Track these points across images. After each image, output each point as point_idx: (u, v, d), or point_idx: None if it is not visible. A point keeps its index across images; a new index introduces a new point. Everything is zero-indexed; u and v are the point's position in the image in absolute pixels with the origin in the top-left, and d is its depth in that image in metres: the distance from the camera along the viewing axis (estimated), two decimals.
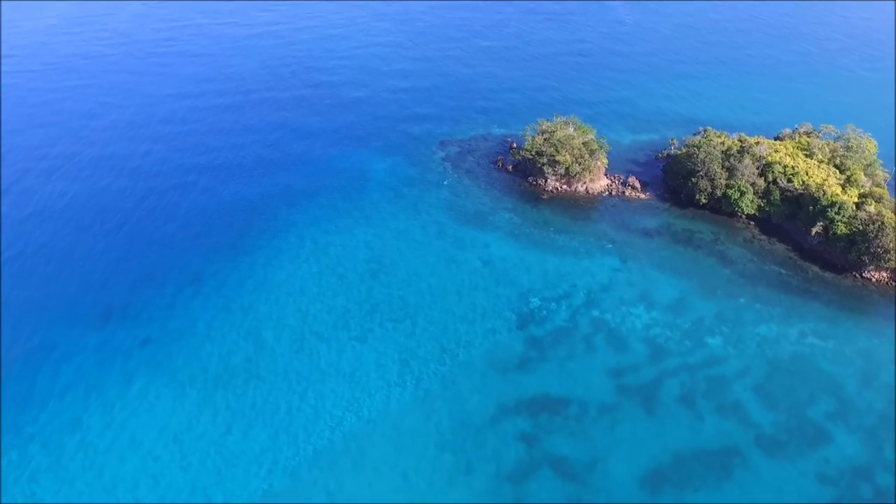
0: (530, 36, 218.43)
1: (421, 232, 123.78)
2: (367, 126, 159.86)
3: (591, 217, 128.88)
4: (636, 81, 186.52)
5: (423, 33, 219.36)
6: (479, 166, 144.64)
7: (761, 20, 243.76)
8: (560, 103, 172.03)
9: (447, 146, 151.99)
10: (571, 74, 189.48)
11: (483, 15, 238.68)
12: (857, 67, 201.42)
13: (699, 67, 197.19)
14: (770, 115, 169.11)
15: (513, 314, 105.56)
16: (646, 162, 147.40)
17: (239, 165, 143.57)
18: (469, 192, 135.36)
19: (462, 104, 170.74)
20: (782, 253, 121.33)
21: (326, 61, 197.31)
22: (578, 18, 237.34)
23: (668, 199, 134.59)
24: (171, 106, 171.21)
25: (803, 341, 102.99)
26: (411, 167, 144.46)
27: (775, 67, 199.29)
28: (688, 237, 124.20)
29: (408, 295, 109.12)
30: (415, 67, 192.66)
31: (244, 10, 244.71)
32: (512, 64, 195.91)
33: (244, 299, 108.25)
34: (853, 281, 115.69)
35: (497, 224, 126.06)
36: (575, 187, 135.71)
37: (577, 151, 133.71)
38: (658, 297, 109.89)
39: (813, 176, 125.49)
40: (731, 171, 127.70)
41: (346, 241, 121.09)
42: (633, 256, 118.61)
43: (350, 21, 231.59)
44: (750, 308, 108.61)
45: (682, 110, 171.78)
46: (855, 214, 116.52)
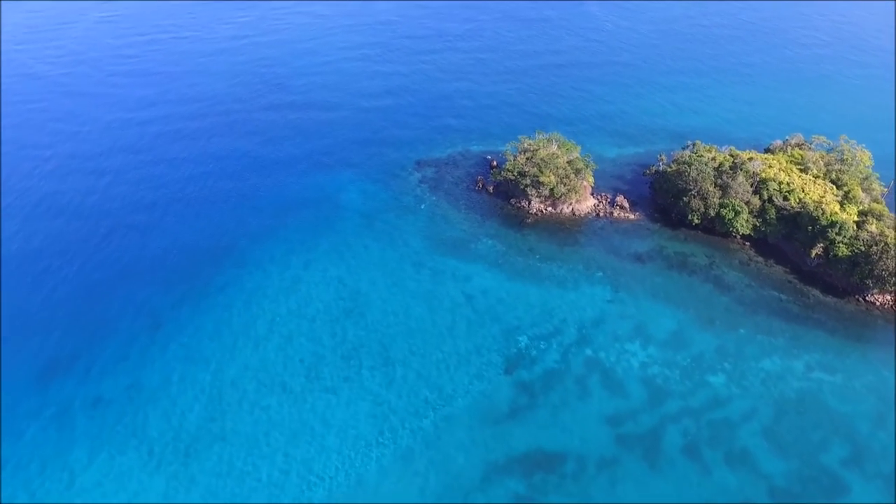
0: (507, 45, 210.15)
1: (398, 264, 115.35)
2: (338, 147, 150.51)
3: (579, 242, 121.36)
4: (619, 91, 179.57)
5: (394, 45, 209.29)
6: (458, 188, 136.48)
7: (741, 22, 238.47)
8: (540, 116, 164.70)
9: (424, 166, 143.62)
10: (551, 85, 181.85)
11: (456, 24, 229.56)
12: (842, 71, 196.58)
13: (682, 75, 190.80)
14: (757, 125, 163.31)
15: (499, 356, 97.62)
16: (633, 178, 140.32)
17: (201, 197, 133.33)
18: (448, 217, 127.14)
19: (438, 120, 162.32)
20: (781, 276, 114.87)
21: (294, 78, 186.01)
22: (556, 25, 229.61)
23: (659, 220, 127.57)
24: (128, 132, 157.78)
25: (810, 376, 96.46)
26: (386, 190, 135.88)
27: (759, 73, 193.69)
28: (681, 261, 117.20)
29: (385, 337, 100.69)
30: (387, 82, 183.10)
31: (207, 24, 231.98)
32: (489, 75, 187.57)
33: (206, 347, 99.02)
34: (856, 305, 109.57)
35: (479, 252, 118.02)
36: (560, 209, 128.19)
37: (561, 171, 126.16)
38: (654, 331, 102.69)
39: (809, 192, 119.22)
40: (723, 189, 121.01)
41: (317, 277, 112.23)
42: (625, 285, 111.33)
43: (317, 34, 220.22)
44: (751, 340, 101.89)
45: (668, 121, 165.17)
46: (856, 234, 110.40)
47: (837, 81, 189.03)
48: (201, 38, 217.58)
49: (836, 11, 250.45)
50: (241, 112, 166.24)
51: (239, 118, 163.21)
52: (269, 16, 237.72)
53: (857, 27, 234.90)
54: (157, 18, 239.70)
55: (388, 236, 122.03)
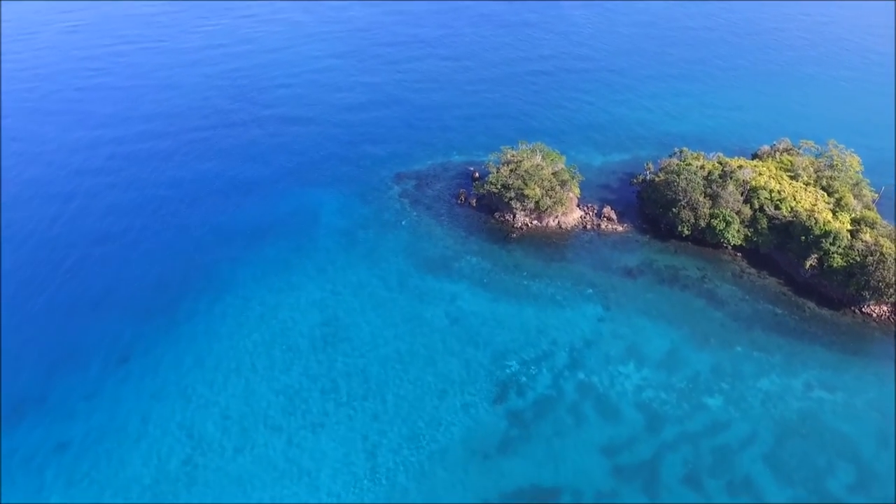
0: (485, 50, 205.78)
1: (380, 285, 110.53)
2: (315, 162, 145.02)
3: (567, 257, 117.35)
4: (602, 97, 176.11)
5: (370, 53, 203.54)
6: (440, 201, 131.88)
7: (722, 22, 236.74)
8: (522, 124, 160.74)
9: (404, 179, 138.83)
10: (532, 92, 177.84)
11: (433, 29, 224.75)
12: (825, 73, 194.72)
13: (665, 79, 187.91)
14: (743, 129, 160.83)
15: (489, 383, 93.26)
16: (619, 188, 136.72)
17: (173, 221, 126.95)
18: (431, 233, 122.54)
19: (417, 130, 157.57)
20: (775, 288, 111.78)
21: (267, 91, 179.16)
22: (534, 28, 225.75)
23: (647, 231, 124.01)
24: (95, 153, 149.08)
25: (810, 395, 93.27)
26: (365, 206, 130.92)
27: (742, 76, 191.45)
28: (673, 275, 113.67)
29: (370, 365, 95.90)
30: (363, 91, 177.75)
31: (177, 32, 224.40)
32: (468, 83, 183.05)
33: (181, 382, 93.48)
34: (853, 317, 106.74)
35: (464, 271, 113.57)
36: (546, 222, 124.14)
37: (546, 183, 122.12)
38: (648, 351, 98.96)
39: (801, 201, 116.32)
40: (713, 198, 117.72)
41: (296, 301, 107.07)
42: (616, 302, 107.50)
43: (291, 42, 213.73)
44: (748, 357, 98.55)
45: (652, 127, 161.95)
46: (851, 244, 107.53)
47: (821, 83, 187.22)
48: (170, 49, 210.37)
49: (818, 11, 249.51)
50: (214, 128, 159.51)
51: (211, 135, 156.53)
52: (242, 24, 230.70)
53: (839, 27, 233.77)
54: (124, 27, 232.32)
55: (369, 255, 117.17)
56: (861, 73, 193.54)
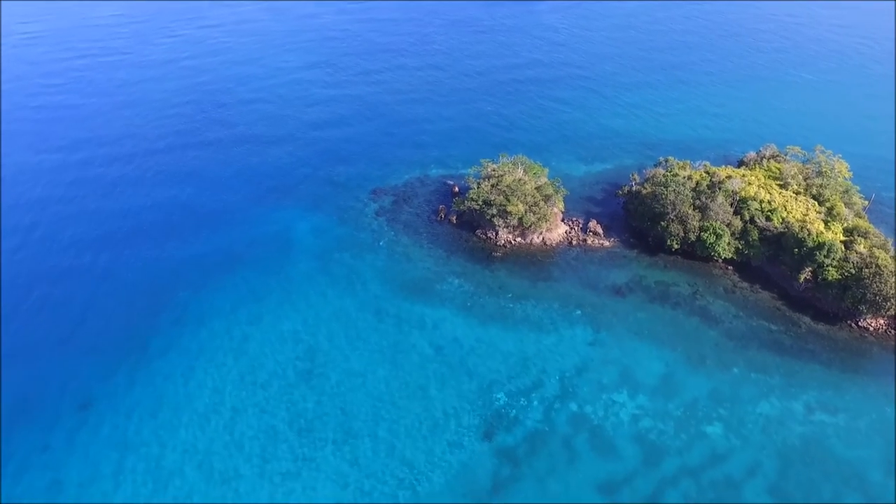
0: (460, 57, 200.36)
1: (358, 313, 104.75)
2: (287, 180, 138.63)
3: (553, 276, 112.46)
4: (580, 103, 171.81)
5: (342, 63, 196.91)
6: (419, 219, 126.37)
7: (697, 24, 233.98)
8: (501, 134, 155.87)
9: (380, 195, 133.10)
10: (510, 100, 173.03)
11: (406, 36, 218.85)
12: (804, 75, 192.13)
13: (644, 83, 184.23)
14: (725, 133, 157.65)
15: (477, 418, 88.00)
16: (604, 199, 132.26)
17: (139, 248, 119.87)
18: (410, 254, 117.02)
19: (392, 142, 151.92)
20: (768, 303, 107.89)
21: (235, 106, 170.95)
22: (509, 31, 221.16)
23: (635, 245, 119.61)
24: (52, 179, 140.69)
25: (811, 418, 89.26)
26: (341, 226, 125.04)
27: (722, 76, 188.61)
28: (663, 292, 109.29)
29: (349, 403, 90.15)
30: (336, 104, 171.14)
31: (138, 44, 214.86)
32: (443, 92, 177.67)
33: (144, 429, 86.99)
34: (849, 332, 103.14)
35: (446, 294, 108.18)
36: (530, 239, 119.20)
37: (529, 199, 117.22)
38: (642, 376, 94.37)
39: (792, 211, 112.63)
40: (702, 210, 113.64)
41: (269, 334, 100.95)
42: (606, 324, 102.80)
43: (259, 53, 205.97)
44: (746, 379, 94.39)
45: (634, 133, 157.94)
46: (845, 256, 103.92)
47: (802, 86, 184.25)
48: (133, 63, 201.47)
49: (796, 12, 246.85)
50: (181, 149, 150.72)
51: (178, 156, 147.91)
52: (207, 34, 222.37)
53: (818, 28, 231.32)
54: (84, 38, 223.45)
55: (346, 280, 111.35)
56: (838, 76, 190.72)
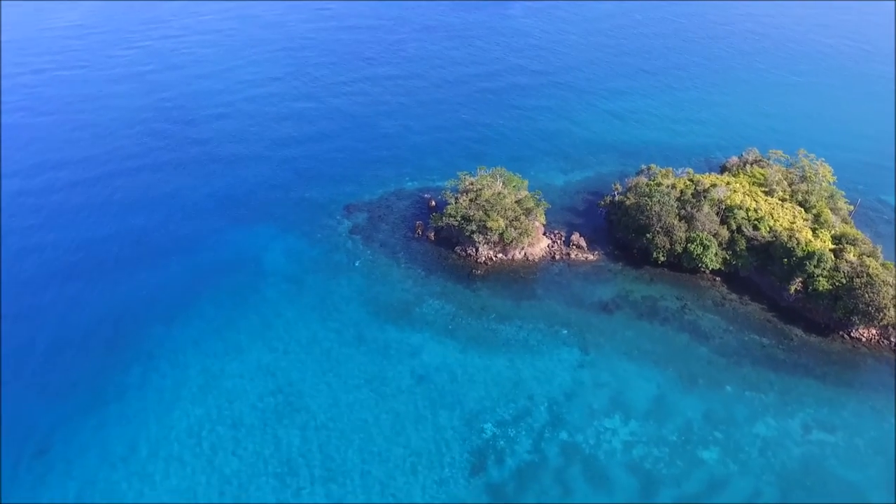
0: (432, 63, 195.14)
1: (335, 341, 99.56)
2: (256, 199, 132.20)
3: (537, 293, 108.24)
4: (557, 109, 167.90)
5: (310, 72, 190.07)
6: (395, 236, 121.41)
7: (669, 23, 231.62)
8: (477, 143, 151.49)
9: (354, 212, 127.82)
10: (485, 106, 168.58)
11: (377, 41, 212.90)
12: (781, 73, 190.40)
13: (620, 85, 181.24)
14: (707, 137, 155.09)
15: (464, 451, 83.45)
16: (586, 210, 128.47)
17: (101, 275, 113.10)
18: (387, 275, 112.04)
19: (366, 155, 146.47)
20: (759, 315, 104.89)
21: (198, 122, 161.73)
22: (481, 34, 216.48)
23: (620, 258, 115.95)
24: (8, 207, 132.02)
25: (809, 438, 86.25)
26: (314, 246, 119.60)
27: (699, 79, 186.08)
28: (651, 307, 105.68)
29: (327, 442, 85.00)
30: (305, 117, 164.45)
31: (94, 59, 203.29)
32: (416, 101, 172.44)
33: (108, 477, 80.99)
34: (842, 343, 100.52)
35: (426, 317, 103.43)
36: (512, 254, 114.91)
37: (510, 213, 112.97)
38: (633, 399, 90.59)
39: (779, 219, 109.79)
40: (688, 220, 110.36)
41: (240, 367, 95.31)
42: (594, 343, 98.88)
43: (224, 63, 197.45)
44: (740, 398, 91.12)
45: (613, 138, 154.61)
46: (836, 265, 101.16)
47: (780, 87, 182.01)
48: (91, 77, 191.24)
49: (767, 12, 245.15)
50: (143, 171, 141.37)
51: (140, 179, 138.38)
52: (169, 45, 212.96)
53: (793, 28, 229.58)
54: (37, 50, 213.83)
55: (321, 305, 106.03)
56: (820, 77, 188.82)
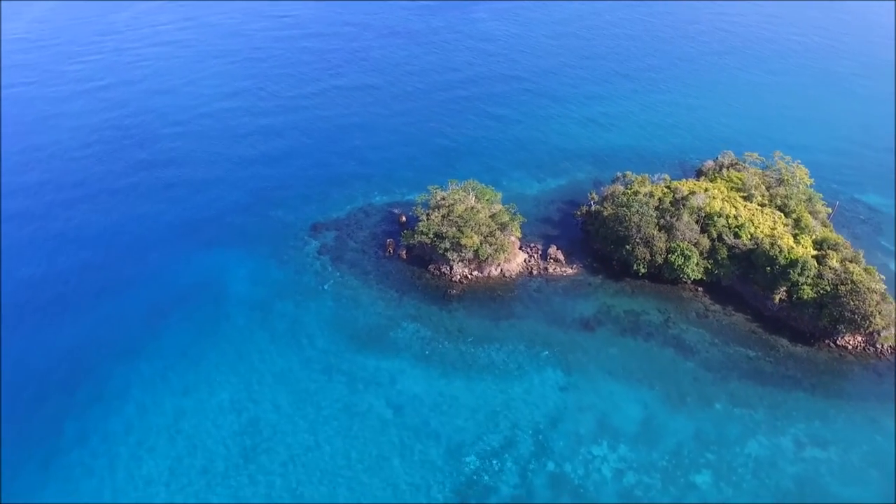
0: (397, 69, 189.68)
1: (305, 372, 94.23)
2: (218, 221, 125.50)
3: (515, 312, 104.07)
4: (527, 114, 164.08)
5: (271, 82, 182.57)
6: (366, 255, 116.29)
7: (636, 22, 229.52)
8: (446, 152, 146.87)
9: (321, 231, 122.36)
10: (452, 113, 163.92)
11: (338, 49, 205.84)
12: (753, 71, 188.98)
13: (589, 87, 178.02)
14: (680, 139, 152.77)
15: (446, 489, 79.00)
16: (561, 220, 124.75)
17: (52, 309, 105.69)
18: (359, 298, 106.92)
19: (331, 169, 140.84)
20: (743, 325, 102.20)
21: (154, 142, 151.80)
22: (448, 39, 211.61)
23: (599, 270, 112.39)
24: None
25: (803, 455, 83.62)
26: (280, 268, 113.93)
27: (671, 79, 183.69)
28: (634, 322, 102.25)
29: (304, 482, 79.90)
30: (267, 130, 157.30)
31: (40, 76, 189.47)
32: (382, 110, 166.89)
33: None
34: (828, 352, 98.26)
35: (401, 342, 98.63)
36: (488, 271, 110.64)
37: (484, 228, 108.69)
38: (620, 423, 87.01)
39: (760, 225, 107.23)
40: (668, 230, 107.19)
41: (208, 404, 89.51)
42: (577, 364, 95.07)
43: (182, 74, 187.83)
44: (729, 416, 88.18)
45: (585, 142, 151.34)
46: (819, 272, 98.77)
47: (751, 87, 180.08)
48: (36, 96, 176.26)
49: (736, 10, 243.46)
50: (94, 198, 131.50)
51: (95, 205, 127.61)
52: (121, 58, 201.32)
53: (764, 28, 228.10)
54: None
55: (290, 334, 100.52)
56: (785, 78, 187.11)
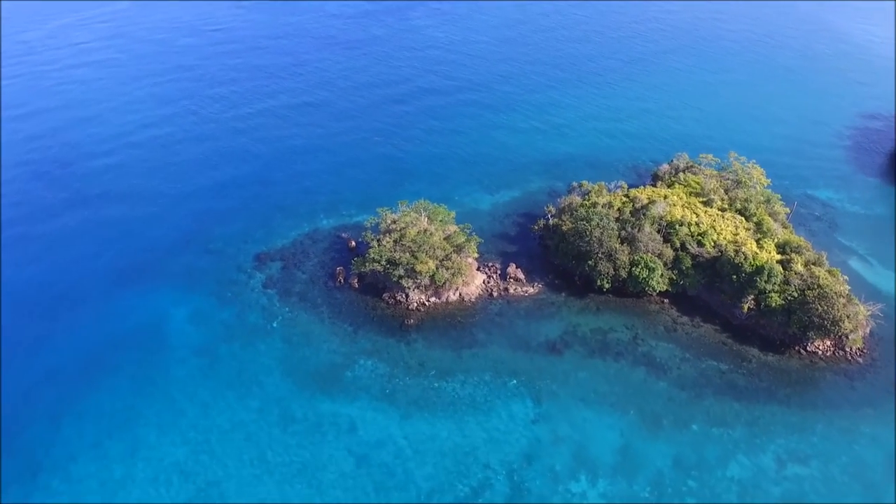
0: (337, 82, 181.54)
1: (258, 424, 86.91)
2: (153, 254, 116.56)
3: (478, 339, 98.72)
4: (472, 122, 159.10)
5: (202, 99, 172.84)
6: (315, 286, 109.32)
7: (577, 21, 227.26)
8: (392, 167, 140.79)
9: (266, 262, 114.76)
10: (396, 124, 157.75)
11: (275, 61, 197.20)
12: (698, 71, 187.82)
13: (537, 93, 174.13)
14: (632, 140, 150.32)
15: None
16: (518, 234, 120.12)
17: None
18: (311, 335, 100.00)
19: (273, 193, 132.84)
20: (713, 337, 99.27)
21: (78, 167, 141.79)
22: (386, 46, 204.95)
23: (561, 287, 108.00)
24: None
25: (785, 474, 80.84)
26: (224, 307, 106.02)
27: (616, 80, 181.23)
28: (602, 342, 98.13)
29: None
30: (203, 154, 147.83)
31: None
32: (324, 124, 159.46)
33: None
34: (799, 359, 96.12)
35: (359, 381, 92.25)
36: (446, 296, 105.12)
37: (439, 252, 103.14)
38: (597, 454, 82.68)
39: (722, 231, 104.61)
40: (630, 242, 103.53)
41: (150, 471, 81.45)
42: (547, 392, 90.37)
43: (104, 96, 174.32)
44: (707, 437, 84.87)
45: (536, 150, 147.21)
46: (786, 278, 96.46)
47: (700, 86, 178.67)
48: None
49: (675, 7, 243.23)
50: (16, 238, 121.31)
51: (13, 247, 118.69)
52: (39, 83, 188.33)
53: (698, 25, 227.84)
54: None
55: (238, 381, 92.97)
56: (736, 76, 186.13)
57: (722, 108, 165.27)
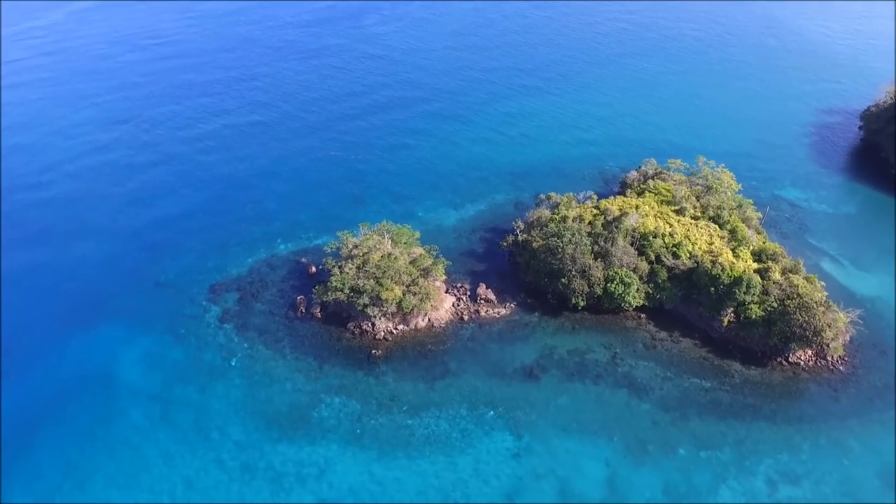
0: (291, 97, 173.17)
1: (219, 476, 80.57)
2: (99, 289, 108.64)
3: (451, 369, 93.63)
4: (433, 132, 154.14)
5: (148, 118, 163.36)
6: (275, 318, 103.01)
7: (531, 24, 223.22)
8: (351, 185, 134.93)
9: (222, 293, 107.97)
10: (354, 139, 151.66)
11: (223, 73, 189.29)
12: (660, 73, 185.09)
13: (497, 100, 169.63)
14: (596, 146, 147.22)
15: None
16: (486, 251, 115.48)
17: None
18: (272, 372, 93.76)
19: (227, 218, 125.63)
20: (693, 352, 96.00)
21: (18, 210, 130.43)
22: (342, 60, 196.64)
23: (535, 307, 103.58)
24: None
25: (777, 496, 77.87)
26: (178, 345, 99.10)
27: (578, 85, 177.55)
28: (580, 364, 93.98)
29: None
30: (149, 180, 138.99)
31: None
32: (277, 141, 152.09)
33: None
34: (782, 371, 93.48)
35: (327, 422, 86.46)
36: (414, 323, 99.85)
37: (406, 277, 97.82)
38: (583, 487, 78.59)
39: (696, 241, 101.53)
40: (603, 256, 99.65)
41: None
42: (526, 423, 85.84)
43: (40, 116, 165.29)
44: (695, 461, 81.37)
45: (499, 160, 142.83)
46: (765, 289, 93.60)
47: (656, 87, 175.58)
48: None
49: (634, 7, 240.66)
50: None
51: None
52: None
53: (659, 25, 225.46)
54: None
55: (197, 428, 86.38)
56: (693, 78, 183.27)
57: (686, 110, 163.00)
